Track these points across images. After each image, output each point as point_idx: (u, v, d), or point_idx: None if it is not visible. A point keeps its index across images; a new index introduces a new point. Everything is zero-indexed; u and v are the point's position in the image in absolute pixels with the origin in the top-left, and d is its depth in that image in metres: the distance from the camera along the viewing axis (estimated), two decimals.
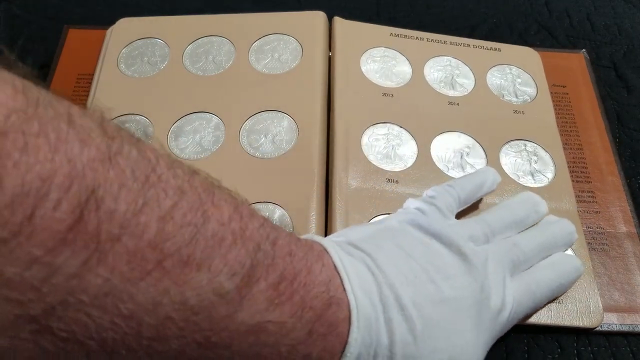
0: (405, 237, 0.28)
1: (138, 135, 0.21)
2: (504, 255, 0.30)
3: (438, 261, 0.27)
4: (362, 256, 0.26)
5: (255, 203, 0.35)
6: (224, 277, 0.20)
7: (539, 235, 0.32)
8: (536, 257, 0.31)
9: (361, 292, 0.24)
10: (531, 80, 0.44)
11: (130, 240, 0.17)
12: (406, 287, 0.25)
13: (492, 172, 0.35)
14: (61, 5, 0.50)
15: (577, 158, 0.40)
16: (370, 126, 0.39)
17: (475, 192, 0.34)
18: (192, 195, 0.20)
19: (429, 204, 0.31)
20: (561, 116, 0.42)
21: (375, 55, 0.43)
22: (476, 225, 0.30)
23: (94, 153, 0.17)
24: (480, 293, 0.27)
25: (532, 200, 0.34)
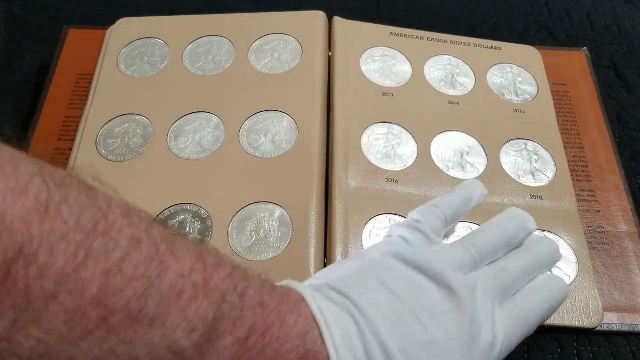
0: (389, 274, 0.27)
1: (93, 182, 0.19)
2: (492, 283, 0.28)
3: (424, 298, 0.26)
4: (343, 302, 0.24)
5: (255, 203, 0.35)
6: (180, 333, 0.18)
7: (525, 258, 0.30)
8: (523, 281, 0.29)
9: (343, 344, 0.22)
10: (532, 79, 0.44)
11: (68, 298, 0.16)
12: (392, 332, 0.24)
13: (478, 186, 0.33)
14: (61, 5, 0.50)
15: (577, 157, 0.40)
16: (370, 126, 0.39)
17: (462, 209, 0.32)
18: (148, 245, 0.18)
19: (413, 230, 0.29)
20: (562, 115, 0.42)
21: (375, 55, 0.43)
22: (464, 250, 0.29)
23: (30, 203, 0.16)
24: (470, 329, 0.26)
25: (521, 217, 0.32)
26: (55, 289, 0.16)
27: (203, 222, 0.35)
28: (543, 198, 0.37)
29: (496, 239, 0.30)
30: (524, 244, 0.31)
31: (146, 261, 0.18)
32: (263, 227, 0.34)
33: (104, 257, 0.17)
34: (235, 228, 0.34)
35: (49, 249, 0.16)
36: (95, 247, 0.17)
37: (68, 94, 0.42)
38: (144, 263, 0.18)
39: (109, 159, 0.38)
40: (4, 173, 0.16)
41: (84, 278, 0.16)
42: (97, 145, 0.38)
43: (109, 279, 0.17)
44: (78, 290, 0.16)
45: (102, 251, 0.17)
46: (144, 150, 0.38)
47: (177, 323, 0.18)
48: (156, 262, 0.18)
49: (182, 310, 0.18)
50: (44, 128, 0.40)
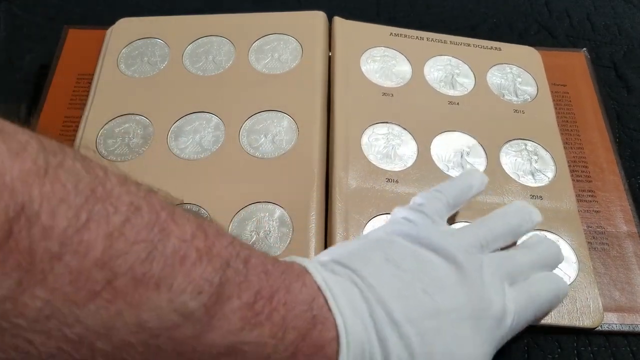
0: (394, 249, 0.27)
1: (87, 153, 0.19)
2: (499, 265, 0.28)
3: (431, 272, 0.26)
4: (347, 273, 0.24)
5: (255, 203, 0.35)
6: (188, 296, 0.18)
7: (531, 254, 0.30)
8: (530, 273, 0.30)
9: (349, 311, 0.22)
10: (531, 80, 0.44)
11: (73, 259, 0.16)
12: (398, 302, 0.23)
13: (479, 174, 0.34)
14: (61, 5, 0.50)
15: (577, 157, 0.40)
16: (370, 126, 0.39)
17: (463, 195, 0.32)
18: (148, 212, 0.18)
19: (417, 212, 0.29)
20: (561, 115, 0.42)
21: (375, 55, 0.43)
22: (470, 235, 0.29)
23: (28, 166, 0.16)
24: (479, 302, 0.26)
25: (526, 209, 0.32)
26: (60, 250, 0.16)
27: None
28: (543, 198, 0.37)
29: (501, 228, 0.31)
30: (529, 243, 0.32)
31: (148, 226, 0.18)
32: (263, 227, 0.34)
33: (105, 221, 0.17)
34: (235, 228, 0.34)
35: (50, 210, 0.15)
36: (95, 210, 0.17)
37: (68, 94, 0.42)
38: (146, 228, 0.18)
39: (109, 159, 0.38)
40: (4, 138, 0.16)
41: (87, 240, 0.16)
42: (97, 145, 0.38)
43: (112, 242, 0.17)
44: (82, 252, 0.16)
45: (103, 215, 0.17)
46: (144, 150, 0.38)
47: (184, 286, 0.18)
48: (157, 227, 0.18)
49: (187, 273, 0.18)
50: (44, 128, 0.40)
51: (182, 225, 0.19)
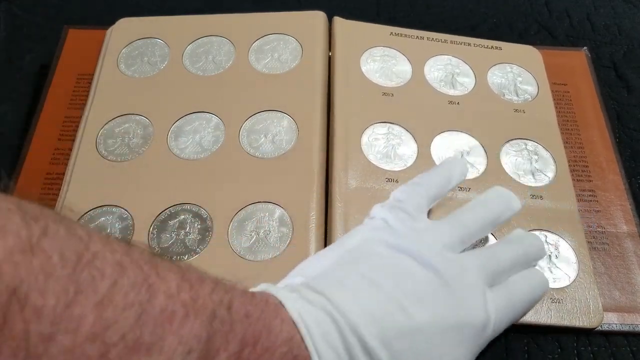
0: (370, 261, 0.26)
1: (62, 212, 0.19)
2: (482, 265, 0.28)
3: (408, 283, 0.25)
4: (320, 301, 0.24)
5: (255, 203, 0.35)
6: (179, 357, 0.18)
7: (514, 249, 0.30)
8: (511, 271, 0.29)
9: (325, 346, 0.22)
10: (532, 79, 0.44)
11: (65, 338, 0.15)
12: (372, 326, 0.23)
13: (459, 162, 0.33)
14: (61, 5, 0.50)
15: (578, 157, 0.40)
16: (370, 126, 0.39)
17: (444, 187, 0.32)
18: (133, 270, 0.18)
19: (396, 211, 0.29)
20: (562, 114, 0.42)
21: (375, 55, 0.43)
22: (452, 229, 0.29)
23: (11, 242, 0.15)
24: (459, 309, 0.25)
25: (505, 195, 0.32)
26: (52, 330, 0.15)
27: (203, 222, 0.35)
28: (543, 198, 0.37)
29: (482, 217, 0.30)
30: (512, 238, 0.31)
31: (135, 287, 0.17)
32: (263, 227, 0.34)
33: (93, 290, 0.16)
34: (235, 228, 0.34)
35: (38, 289, 0.15)
36: (82, 280, 0.16)
37: (68, 94, 0.42)
38: (133, 289, 0.17)
39: (109, 159, 0.38)
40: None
41: (77, 315, 0.16)
42: (97, 145, 0.38)
43: (101, 312, 0.16)
44: (73, 328, 0.16)
45: (90, 283, 0.16)
46: (144, 150, 0.38)
47: (174, 346, 0.18)
48: (144, 286, 0.18)
49: (176, 332, 0.18)
50: (44, 128, 0.40)
51: (166, 278, 0.19)
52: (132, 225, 0.35)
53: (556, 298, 0.33)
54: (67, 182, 0.37)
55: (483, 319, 0.26)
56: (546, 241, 0.35)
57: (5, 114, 0.42)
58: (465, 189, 0.37)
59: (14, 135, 0.41)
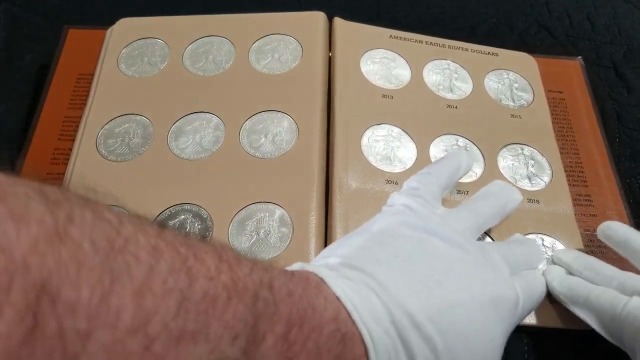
0: (400, 242, 0.26)
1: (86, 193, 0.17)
2: (504, 251, 0.29)
3: (442, 261, 0.25)
4: (362, 278, 0.24)
5: (255, 203, 0.35)
6: (226, 343, 0.17)
7: (524, 248, 0.32)
8: (522, 265, 0.30)
9: (372, 321, 0.22)
10: (528, 86, 0.44)
11: (104, 334, 0.14)
12: (416, 301, 0.23)
13: (465, 154, 0.35)
14: (61, 5, 0.50)
15: (573, 162, 0.40)
16: (370, 127, 0.39)
17: (453, 176, 0.33)
18: (169, 253, 0.17)
19: (414, 197, 0.29)
20: (558, 121, 0.43)
21: (375, 57, 0.43)
22: (469, 215, 0.29)
23: (35, 231, 0.13)
24: (493, 284, 0.26)
25: (508, 188, 0.34)
26: (89, 326, 0.14)
27: (203, 222, 0.35)
28: (540, 202, 0.37)
29: (490, 210, 0.32)
30: (520, 239, 0.33)
31: (173, 272, 0.16)
32: (263, 227, 0.34)
33: (129, 278, 0.15)
34: (235, 228, 0.34)
35: (70, 281, 0.13)
36: (117, 267, 0.15)
37: (68, 94, 0.42)
38: (171, 274, 0.16)
39: (109, 159, 0.38)
40: (2, 198, 0.13)
41: (115, 307, 0.14)
42: (97, 145, 0.38)
43: (141, 302, 0.15)
44: (112, 322, 0.14)
45: (126, 271, 0.15)
46: (144, 150, 0.38)
47: (220, 332, 0.17)
48: (183, 270, 0.17)
49: (221, 317, 0.17)
50: (44, 128, 0.40)
51: (204, 260, 0.18)
52: None
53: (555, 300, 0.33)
54: (67, 182, 0.37)
55: (515, 296, 0.26)
56: (543, 244, 0.35)
57: (5, 114, 0.42)
58: (463, 192, 0.37)
59: (14, 135, 0.41)
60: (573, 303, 0.30)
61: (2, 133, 0.41)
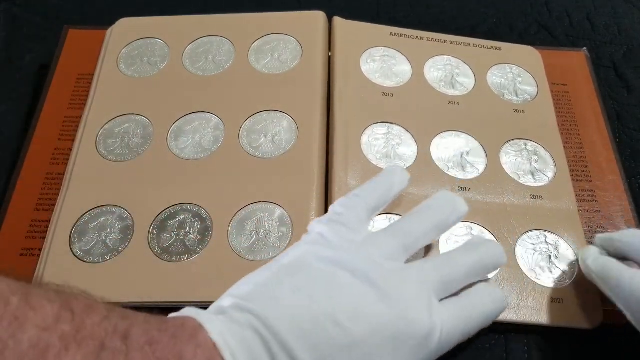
0: (306, 275, 0.25)
1: None
2: (430, 273, 0.27)
3: (344, 297, 0.25)
4: (248, 320, 0.23)
5: (255, 203, 0.35)
6: None
7: (470, 257, 0.29)
8: (466, 280, 0.29)
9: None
10: (532, 79, 0.44)
11: None
12: (305, 343, 0.22)
13: (398, 170, 0.33)
14: (61, 5, 0.50)
15: (577, 157, 0.40)
16: (370, 126, 0.39)
17: (384, 196, 0.32)
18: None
19: (334, 224, 0.28)
20: (562, 115, 0.42)
21: (375, 55, 0.43)
22: (392, 239, 0.28)
23: None
24: (399, 321, 0.24)
25: (450, 199, 0.31)
26: None
27: (203, 222, 0.35)
28: (543, 198, 0.37)
29: (427, 222, 0.30)
30: (470, 244, 0.31)
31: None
32: (263, 227, 0.34)
33: None
34: (235, 228, 0.34)
35: None
36: None
37: (68, 94, 0.42)
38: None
39: (109, 159, 0.38)
40: None
41: None
42: (97, 145, 0.38)
43: None
44: None
45: None
46: (144, 150, 0.38)
47: None
48: (8, 319, 0.16)
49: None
50: (44, 128, 0.40)
51: (40, 309, 0.17)
52: (132, 225, 0.35)
53: (556, 298, 0.33)
54: (67, 182, 0.37)
55: (426, 329, 0.25)
56: (546, 241, 0.35)
57: (5, 114, 0.42)
58: (465, 189, 0.37)
59: (14, 135, 0.41)
60: (605, 283, 0.29)
61: (2, 133, 0.41)
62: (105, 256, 0.34)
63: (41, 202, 0.37)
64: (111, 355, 0.17)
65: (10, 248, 0.35)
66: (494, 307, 0.29)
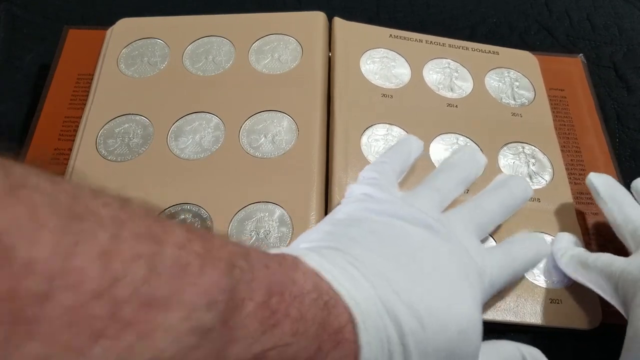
0: (364, 225, 0.27)
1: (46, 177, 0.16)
2: (468, 220, 0.30)
3: (410, 240, 0.26)
4: (338, 254, 0.24)
5: (255, 203, 0.35)
6: (201, 310, 0.16)
7: (498, 194, 0.33)
8: (500, 216, 0.32)
9: (355, 290, 0.22)
10: (529, 84, 0.44)
11: (66, 296, 0.13)
12: (395, 272, 0.24)
13: (414, 139, 0.35)
14: (61, 5, 0.50)
15: (575, 161, 0.40)
16: (370, 127, 0.39)
17: (406, 161, 0.34)
18: (134, 222, 0.16)
19: (373, 186, 0.30)
20: (559, 119, 0.43)
21: (375, 57, 0.43)
22: (428, 193, 0.31)
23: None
24: (462, 259, 0.27)
25: (471, 155, 0.35)
26: (49, 287, 0.13)
27: (203, 222, 0.35)
28: (541, 201, 0.37)
29: (453, 177, 0.33)
30: (494, 183, 0.34)
31: (139, 238, 0.15)
32: (263, 227, 0.34)
33: (93, 241, 0.14)
34: (235, 228, 0.34)
35: (28, 238, 0.13)
36: (79, 231, 0.14)
37: (68, 94, 0.42)
38: (137, 240, 0.15)
39: (109, 159, 0.38)
40: None
41: (79, 267, 0.13)
42: (97, 145, 0.38)
43: (106, 265, 0.14)
44: (75, 284, 0.13)
45: (89, 234, 0.14)
46: (144, 150, 0.38)
47: (194, 299, 0.16)
48: (150, 237, 0.16)
49: (194, 283, 0.16)
50: (44, 128, 0.40)
51: (172, 231, 0.17)
52: None
53: (555, 299, 0.33)
54: None
55: (480, 265, 0.27)
56: None
57: (5, 114, 0.43)
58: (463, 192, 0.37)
59: (14, 135, 0.41)
60: (574, 270, 0.32)
61: (2, 133, 0.41)
62: None
63: None
64: (240, 272, 0.18)
65: None
66: (538, 253, 0.32)
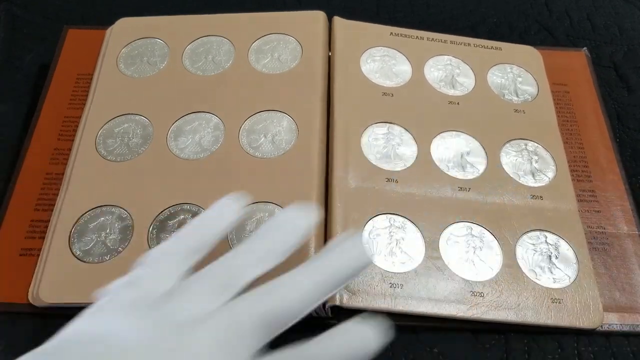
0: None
1: None
2: (244, 312, 0.23)
3: None
4: None
5: (255, 203, 0.35)
6: None
7: (307, 273, 0.25)
8: (304, 307, 0.24)
9: None
10: (532, 79, 0.44)
11: None
12: None
13: (232, 201, 0.29)
14: (61, 5, 0.50)
15: (577, 157, 0.40)
16: (370, 126, 0.39)
17: (213, 229, 0.28)
18: None
19: (130, 288, 0.25)
20: (562, 114, 0.42)
21: (375, 55, 0.43)
22: (211, 278, 0.24)
23: None
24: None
25: (293, 219, 0.27)
26: None
27: None
28: (543, 198, 0.37)
29: (258, 249, 0.26)
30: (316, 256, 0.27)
31: None
32: None
33: None
34: (235, 228, 0.34)
35: None
36: None
37: (68, 94, 0.42)
38: None
39: (108, 159, 0.38)
40: None
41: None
42: (96, 145, 0.38)
43: None
44: None
45: None
46: (144, 150, 0.38)
47: None
48: None
49: None
50: (44, 128, 0.40)
51: None
52: (132, 225, 0.35)
53: (556, 298, 0.33)
54: (66, 182, 0.37)
55: None
56: (546, 241, 0.35)
57: (5, 114, 0.42)
58: (465, 189, 0.37)
59: (14, 135, 0.41)
60: None
61: (2, 133, 0.41)
62: (105, 256, 0.34)
63: (40, 202, 0.37)
64: None
65: (10, 248, 0.35)
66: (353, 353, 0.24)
